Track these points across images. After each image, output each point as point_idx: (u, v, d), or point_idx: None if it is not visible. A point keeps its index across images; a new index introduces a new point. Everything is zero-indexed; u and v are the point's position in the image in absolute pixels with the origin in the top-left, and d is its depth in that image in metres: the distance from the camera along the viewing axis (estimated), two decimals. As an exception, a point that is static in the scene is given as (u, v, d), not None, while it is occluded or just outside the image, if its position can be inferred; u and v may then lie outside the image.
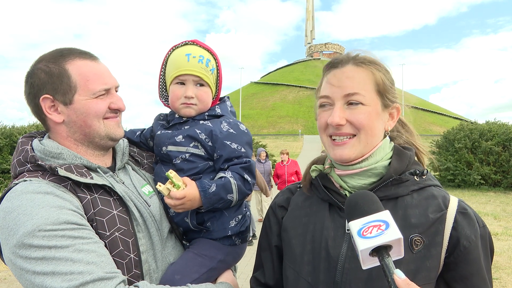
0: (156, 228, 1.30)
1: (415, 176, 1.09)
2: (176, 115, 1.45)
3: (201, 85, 1.41)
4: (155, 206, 1.34)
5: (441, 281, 1.03)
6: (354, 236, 0.83)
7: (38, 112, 1.23)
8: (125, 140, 1.46)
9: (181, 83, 1.40)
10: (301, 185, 1.27)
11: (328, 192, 1.14)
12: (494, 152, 17.48)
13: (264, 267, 1.28)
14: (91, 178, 1.19)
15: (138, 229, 1.22)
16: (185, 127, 1.41)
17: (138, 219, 1.23)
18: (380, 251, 0.81)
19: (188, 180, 1.28)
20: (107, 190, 1.21)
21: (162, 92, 1.53)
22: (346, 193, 1.11)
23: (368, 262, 0.83)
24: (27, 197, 1.06)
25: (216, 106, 1.47)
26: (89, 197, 1.16)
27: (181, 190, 1.24)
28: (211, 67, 1.42)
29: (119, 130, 1.31)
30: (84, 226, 1.08)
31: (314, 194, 1.21)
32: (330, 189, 1.14)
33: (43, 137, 1.29)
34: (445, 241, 1.01)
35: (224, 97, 1.55)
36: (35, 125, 14.56)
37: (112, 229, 1.15)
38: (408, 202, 1.06)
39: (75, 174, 1.15)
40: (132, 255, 1.18)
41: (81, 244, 1.02)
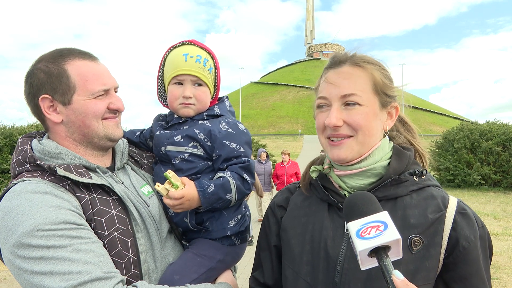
0: (155, 228, 1.29)
1: (414, 176, 1.08)
2: (175, 115, 1.45)
3: (199, 85, 1.41)
4: (154, 206, 1.34)
5: (440, 281, 1.03)
6: (353, 237, 0.83)
7: (37, 112, 1.24)
8: (124, 140, 1.46)
9: (179, 83, 1.40)
10: (300, 185, 1.27)
11: (327, 192, 1.14)
12: (494, 152, 17.48)
13: (263, 267, 1.28)
14: (90, 178, 1.18)
15: (137, 229, 1.22)
16: (184, 127, 1.41)
17: (137, 219, 1.23)
18: (378, 252, 0.81)
19: (187, 180, 1.28)
20: (106, 190, 1.21)
21: (161, 93, 1.53)
22: (345, 193, 1.11)
23: (367, 263, 0.83)
24: (25, 197, 1.06)
25: (215, 106, 1.47)
26: (87, 197, 1.15)
27: (179, 190, 1.24)
28: (208, 66, 1.42)
29: (117, 131, 1.30)
30: (82, 226, 1.08)
31: (313, 194, 1.20)
32: (329, 189, 1.14)
33: (42, 137, 1.29)
34: (444, 241, 1.01)
35: (223, 97, 1.55)
36: (34, 125, 14.56)
37: (110, 229, 1.15)
38: (407, 203, 1.05)
39: (74, 174, 1.15)
40: (131, 255, 1.18)
41: (79, 244, 1.02)
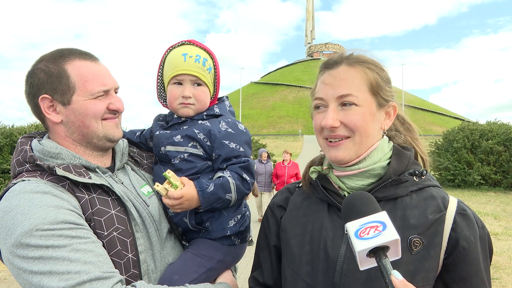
0: (155, 228, 1.29)
1: (414, 177, 1.08)
2: (175, 115, 1.45)
3: (198, 84, 1.41)
4: (154, 206, 1.34)
5: (439, 282, 1.03)
6: (351, 237, 0.83)
7: (37, 111, 1.24)
8: (124, 140, 1.46)
9: (179, 83, 1.40)
10: (301, 184, 1.27)
11: (326, 192, 1.14)
12: (494, 152, 17.47)
13: (263, 267, 1.28)
14: (89, 178, 1.18)
15: (136, 229, 1.22)
16: (184, 127, 1.41)
17: (136, 219, 1.23)
18: (377, 252, 0.81)
19: (186, 180, 1.28)
20: (105, 190, 1.21)
21: (161, 93, 1.53)
22: (345, 193, 1.11)
23: (366, 263, 0.83)
24: (25, 196, 1.06)
25: (215, 106, 1.47)
26: (87, 196, 1.15)
27: (178, 190, 1.24)
28: (208, 66, 1.42)
29: (117, 131, 1.30)
30: (81, 225, 1.08)
31: (313, 194, 1.20)
32: (329, 189, 1.14)
33: (42, 137, 1.29)
34: (444, 242, 1.01)
35: (223, 97, 1.55)
36: (34, 125, 14.55)
37: (110, 228, 1.15)
38: (407, 203, 1.05)
39: (73, 174, 1.15)
40: (130, 255, 1.18)
41: (78, 244, 1.02)
